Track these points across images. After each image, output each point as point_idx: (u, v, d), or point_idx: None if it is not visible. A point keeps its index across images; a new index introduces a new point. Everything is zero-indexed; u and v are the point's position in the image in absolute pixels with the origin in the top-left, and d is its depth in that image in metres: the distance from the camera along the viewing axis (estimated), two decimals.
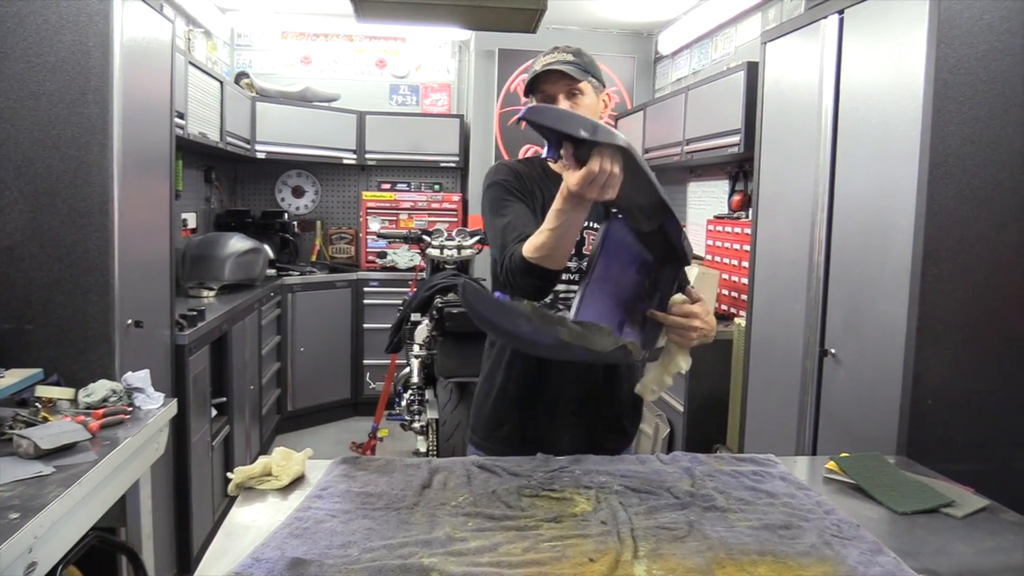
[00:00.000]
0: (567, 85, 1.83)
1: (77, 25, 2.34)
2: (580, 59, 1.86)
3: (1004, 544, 1.41)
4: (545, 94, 1.84)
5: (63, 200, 2.36)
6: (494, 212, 1.85)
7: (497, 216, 1.84)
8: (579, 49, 1.89)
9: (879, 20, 2.33)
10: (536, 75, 1.84)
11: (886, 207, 2.27)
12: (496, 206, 1.86)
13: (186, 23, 4.97)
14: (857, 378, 2.41)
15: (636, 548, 1.30)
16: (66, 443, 1.86)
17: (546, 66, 1.82)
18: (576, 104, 1.84)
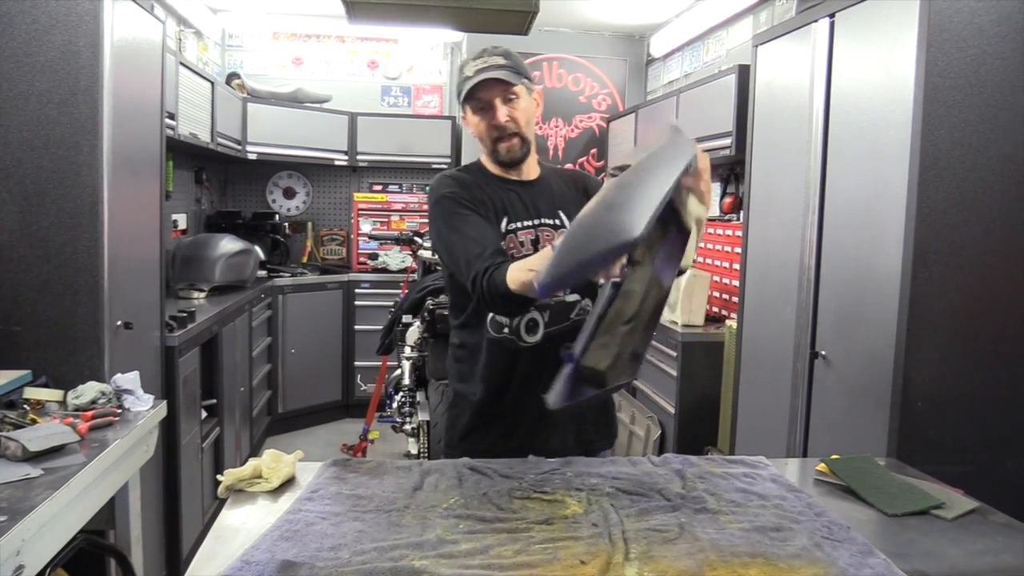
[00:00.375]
0: (503, 90, 1.83)
1: (67, 25, 2.33)
2: (511, 61, 1.85)
3: (994, 546, 1.41)
4: (481, 101, 1.84)
5: (52, 201, 2.35)
6: (450, 227, 1.83)
7: (454, 232, 1.82)
8: (507, 50, 1.87)
9: (870, 24, 2.35)
10: (471, 80, 1.82)
11: (877, 210, 2.28)
12: (451, 221, 1.84)
13: (177, 23, 4.95)
14: (847, 380, 2.42)
15: (627, 550, 1.30)
16: (55, 445, 1.85)
17: (479, 72, 1.81)
18: (513, 108, 1.84)
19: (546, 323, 1.87)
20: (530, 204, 1.91)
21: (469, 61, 1.85)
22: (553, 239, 1.87)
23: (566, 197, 1.96)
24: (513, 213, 1.89)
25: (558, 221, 1.92)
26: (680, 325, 3.73)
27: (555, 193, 1.95)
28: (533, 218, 1.90)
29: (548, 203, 1.93)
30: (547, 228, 1.90)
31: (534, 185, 1.94)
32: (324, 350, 5.71)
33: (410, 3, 3.53)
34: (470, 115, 1.88)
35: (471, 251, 1.75)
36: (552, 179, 1.99)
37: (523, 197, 1.91)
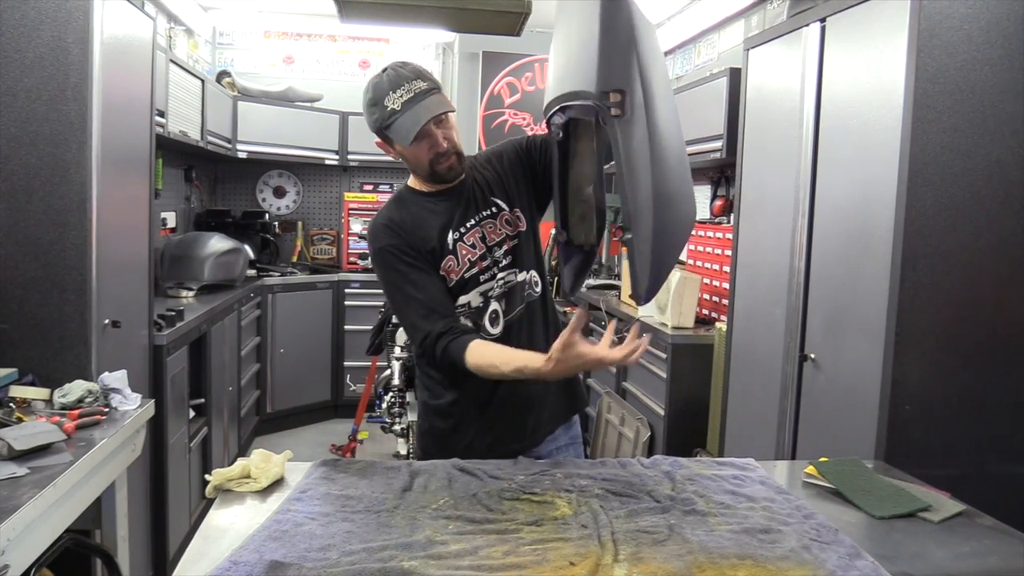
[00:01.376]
0: (438, 117, 1.80)
1: (56, 21, 2.32)
2: (431, 82, 1.82)
3: (980, 548, 1.42)
4: (419, 132, 1.77)
5: (40, 198, 2.33)
6: (393, 286, 1.87)
7: (397, 291, 1.86)
8: (419, 68, 1.83)
9: (860, 29, 2.36)
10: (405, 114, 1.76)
11: (866, 213, 2.29)
12: (392, 278, 1.87)
13: (168, 21, 4.93)
14: (836, 383, 2.43)
15: (616, 552, 1.30)
16: (41, 444, 1.84)
17: (409, 104, 1.76)
18: (447, 127, 1.83)
19: (504, 311, 1.92)
20: (466, 205, 1.92)
21: (386, 92, 1.78)
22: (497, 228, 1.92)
23: (493, 181, 1.97)
24: (455, 221, 1.90)
25: (494, 208, 1.94)
26: (670, 327, 3.74)
27: (481, 183, 1.96)
28: (472, 216, 1.92)
29: (481, 196, 1.94)
30: (488, 220, 1.92)
31: (464, 186, 1.94)
32: (313, 350, 5.69)
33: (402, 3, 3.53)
34: (400, 148, 1.84)
35: (416, 312, 1.83)
36: (475, 171, 1.98)
37: (458, 202, 1.92)
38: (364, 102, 1.84)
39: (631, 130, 1.51)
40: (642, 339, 1.55)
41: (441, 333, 1.78)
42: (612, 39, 1.54)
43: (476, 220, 1.91)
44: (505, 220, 1.94)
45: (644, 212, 1.51)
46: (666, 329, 3.72)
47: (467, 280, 1.89)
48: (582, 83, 1.57)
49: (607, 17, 1.54)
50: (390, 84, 1.79)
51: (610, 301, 4.44)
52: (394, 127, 1.79)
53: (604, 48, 1.53)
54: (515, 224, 1.95)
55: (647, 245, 1.52)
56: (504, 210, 1.94)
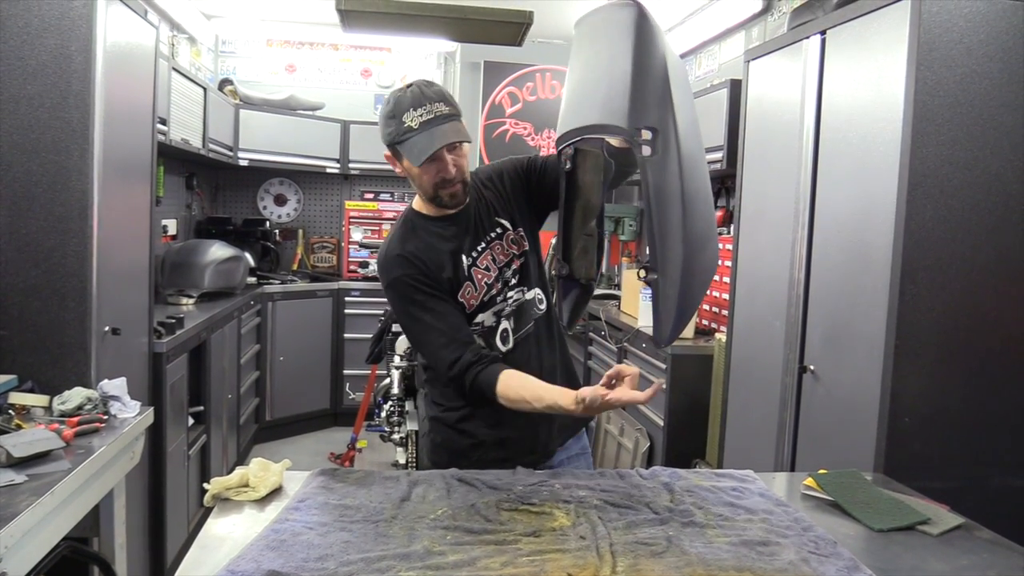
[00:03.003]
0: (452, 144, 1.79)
1: (60, 29, 2.33)
2: (453, 107, 1.80)
3: (979, 562, 1.42)
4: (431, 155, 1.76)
5: (41, 205, 2.34)
6: (411, 317, 1.85)
7: (416, 322, 1.85)
8: (442, 91, 1.81)
9: (860, 41, 2.37)
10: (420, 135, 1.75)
11: (865, 225, 2.29)
12: (410, 310, 1.85)
13: (170, 29, 4.95)
14: (835, 395, 2.43)
15: (615, 563, 1.30)
16: (39, 451, 1.83)
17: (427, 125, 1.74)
18: (458, 155, 1.81)
19: (514, 329, 1.93)
20: (475, 228, 1.92)
21: (406, 108, 1.76)
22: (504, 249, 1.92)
23: (495, 201, 1.97)
24: (466, 246, 1.89)
25: (499, 229, 1.94)
26: None
27: (487, 204, 1.96)
28: (481, 240, 1.91)
29: (486, 217, 1.94)
30: (496, 242, 1.92)
31: (469, 209, 1.93)
32: (313, 358, 5.68)
33: (404, 13, 3.55)
34: (408, 165, 1.82)
35: (438, 341, 1.83)
36: (478, 191, 1.97)
37: (467, 226, 1.91)
38: (382, 113, 1.83)
39: (663, 170, 1.48)
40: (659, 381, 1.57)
41: (471, 363, 1.78)
42: (646, 75, 1.51)
43: (485, 243, 1.91)
44: (511, 240, 1.94)
45: (674, 256, 1.49)
46: None
47: (484, 303, 1.90)
48: (611, 117, 1.54)
49: (641, 53, 1.52)
50: (412, 101, 1.77)
51: (610, 311, 4.44)
52: (407, 144, 1.77)
53: (637, 84, 1.51)
54: (520, 244, 1.95)
55: (675, 289, 1.50)
56: (509, 230, 1.95)
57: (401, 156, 1.82)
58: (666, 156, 1.48)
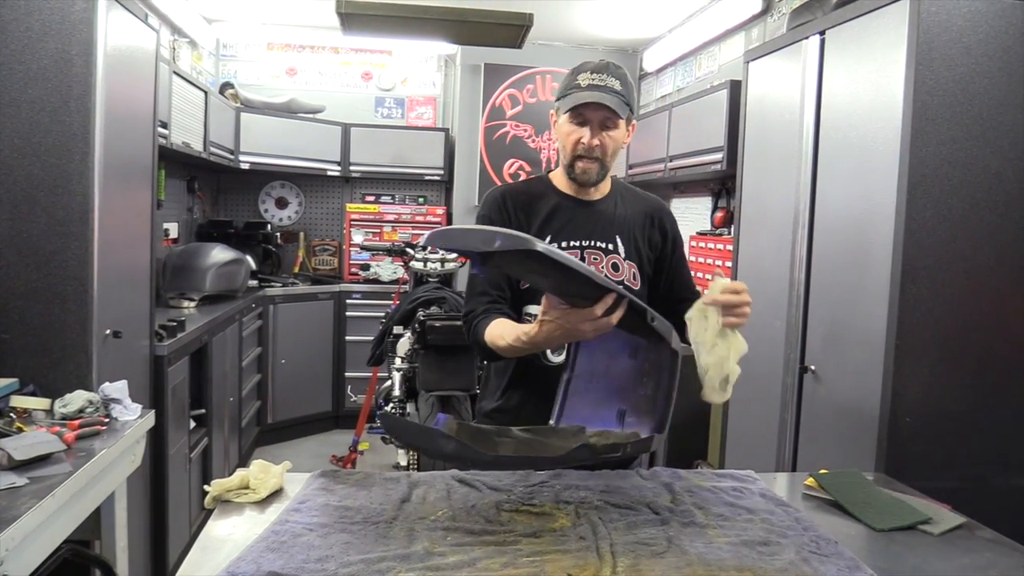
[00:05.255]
0: (606, 115, 1.79)
1: (60, 33, 2.33)
2: (625, 89, 1.81)
3: (980, 562, 1.41)
4: (581, 116, 1.81)
5: (43, 208, 2.34)
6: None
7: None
8: (626, 74, 1.83)
9: (859, 41, 2.37)
10: (580, 93, 1.78)
11: (866, 225, 2.29)
12: None
13: (171, 33, 4.96)
14: (836, 395, 2.43)
15: (615, 564, 1.29)
16: (40, 454, 1.84)
17: (592, 88, 1.77)
18: (607, 135, 1.81)
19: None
20: (583, 224, 1.88)
21: (586, 70, 1.80)
22: (601, 262, 1.87)
23: (629, 222, 1.93)
24: (561, 230, 1.87)
25: (611, 245, 1.89)
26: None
27: (617, 215, 1.92)
28: (582, 239, 1.87)
29: (606, 225, 1.90)
30: (596, 251, 1.87)
31: (595, 205, 1.91)
32: (314, 361, 5.69)
33: (405, 16, 3.55)
34: (564, 122, 1.84)
35: (472, 288, 1.85)
36: (620, 200, 1.95)
37: (578, 216, 1.89)
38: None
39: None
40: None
41: (479, 313, 1.80)
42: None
43: (583, 244, 1.87)
44: (613, 263, 1.88)
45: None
46: None
47: (535, 291, 1.84)
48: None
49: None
50: (595, 67, 1.80)
51: None
52: (567, 98, 1.80)
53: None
54: (621, 271, 1.89)
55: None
56: (618, 253, 1.89)
57: (559, 113, 1.85)
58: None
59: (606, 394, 1.67)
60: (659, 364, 1.62)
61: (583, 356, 1.69)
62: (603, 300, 1.46)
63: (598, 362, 1.68)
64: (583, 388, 1.69)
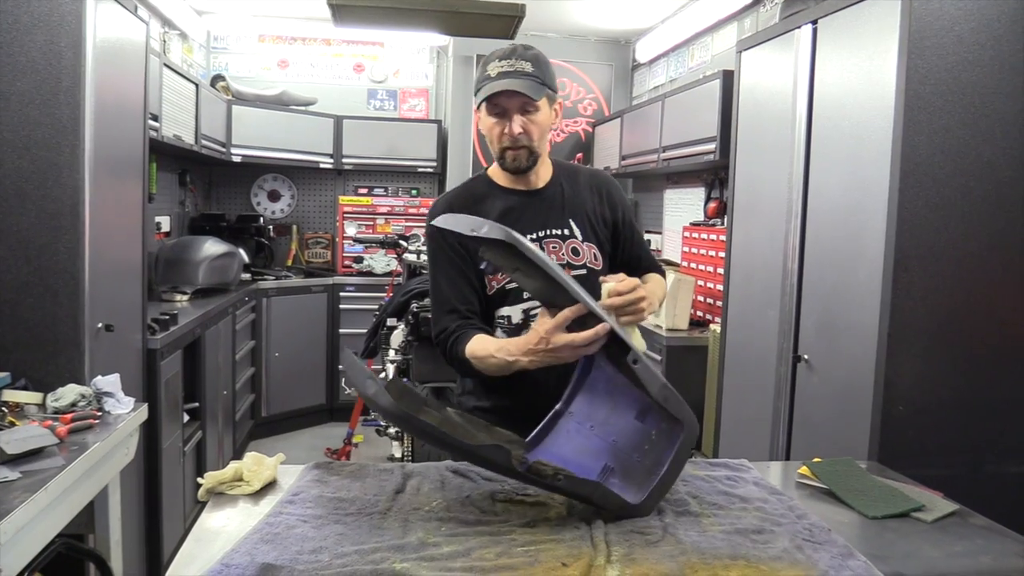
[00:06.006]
0: (524, 101, 1.76)
1: (49, 25, 2.31)
2: (538, 69, 1.78)
3: (972, 548, 1.42)
4: (499, 107, 1.77)
5: (33, 202, 2.33)
6: (431, 266, 1.88)
7: (432, 279, 1.87)
8: (537, 54, 1.80)
9: (852, 30, 2.36)
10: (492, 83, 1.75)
11: (858, 214, 2.30)
12: (432, 265, 1.87)
13: (161, 25, 4.93)
14: (830, 384, 2.43)
15: (609, 553, 1.30)
16: (33, 448, 1.83)
17: (503, 75, 1.74)
18: (530, 120, 1.78)
19: None
20: (535, 215, 1.86)
21: (495, 58, 1.77)
22: (560, 250, 1.85)
23: (579, 203, 1.90)
24: (515, 227, 1.77)
25: (567, 230, 1.87)
26: (664, 329, 3.74)
27: (566, 199, 1.89)
28: (537, 229, 1.85)
29: (557, 211, 1.88)
30: (554, 240, 1.85)
31: (542, 193, 1.89)
32: (308, 353, 5.68)
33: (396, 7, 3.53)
34: (484, 116, 1.81)
35: (440, 305, 1.83)
36: (565, 183, 1.92)
37: (529, 208, 1.86)
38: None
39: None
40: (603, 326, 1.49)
41: (453, 330, 1.76)
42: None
43: (541, 235, 1.84)
44: (572, 248, 1.86)
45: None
46: (660, 331, 3.72)
47: (507, 291, 1.83)
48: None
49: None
50: (503, 53, 1.78)
51: None
52: (480, 92, 1.77)
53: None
54: (582, 254, 1.86)
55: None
56: (575, 237, 1.87)
57: (480, 107, 1.81)
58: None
59: (598, 445, 1.52)
60: (669, 440, 1.47)
61: (583, 397, 1.57)
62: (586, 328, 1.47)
63: (598, 408, 1.55)
64: (573, 430, 1.55)
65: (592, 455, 1.49)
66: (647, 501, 1.45)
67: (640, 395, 1.49)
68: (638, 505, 1.44)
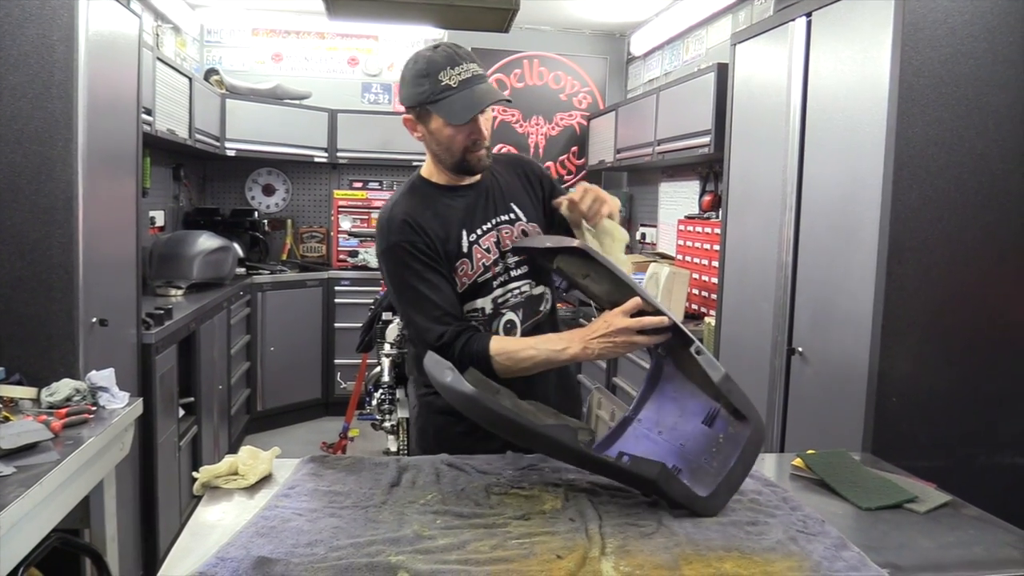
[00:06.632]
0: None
1: (41, 19, 2.30)
2: (483, 69, 1.77)
3: (965, 538, 1.43)
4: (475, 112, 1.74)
5: (26, 196, 2.32)
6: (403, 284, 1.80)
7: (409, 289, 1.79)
8: (469, 51, 1.77)
9: (846, 23, 2.36)
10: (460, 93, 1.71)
11: (852, 206, 2.30)
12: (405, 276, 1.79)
13: (154, 18, 4.91)
14: (824, 376, 2.44)
15: (604, 545, 1.30)
16: (28, 443, 1.83)
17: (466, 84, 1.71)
18: (487, 118, 1.78)
19: (521, 320, 1.89)
20: (483, 206, 1.88)
21: (443, 67, 1.71)
22: (514, 234, 1.88)
23: (513, 187, 1.94)
24: (470, 222, 1.85)
25: (512, 215, 1.90)
26: None
27: (502, 185, 1.92)
28: (490, 219, 1.87)
29: (499, 198, 1.91)
30: (505, 225, 1.88)
31: (481, 184, 1.90)
32: (304, 348, 5.68)
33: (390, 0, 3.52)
34: (441, 125, 1.76)
35: (430, 313, 1.77)
36: (495, 172, 1.94)
37: (476, 201, 1.88)
38: (410, 73, 1.76)
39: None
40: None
41: (461, 331, 1.75)
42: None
43: (493, 223, 1.87)
44: (522, 230, 1.89)
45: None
46: None
47: (479, 285, 1.84)
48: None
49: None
50: (447, 60, 1.72)
51: None
52: (444, 103, 1.71)
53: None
54: (530, 236, 1.90)
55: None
56: (521, 220, 1.90)
57: (429, 117, 1.77)
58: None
59: (666, 449, 1.59)
60: (735, 443, 1.50)
61: (652, 404, 1.67)
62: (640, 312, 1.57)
63: (666, 415, 1.63)
64: (642, 435, 1.64)
65: (659, 458, 1.51)
66: (714, 498, 1.45)
67: (708, 401, 1.56)
68: (706, 499, 1.45)
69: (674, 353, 1.62)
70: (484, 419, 1.50)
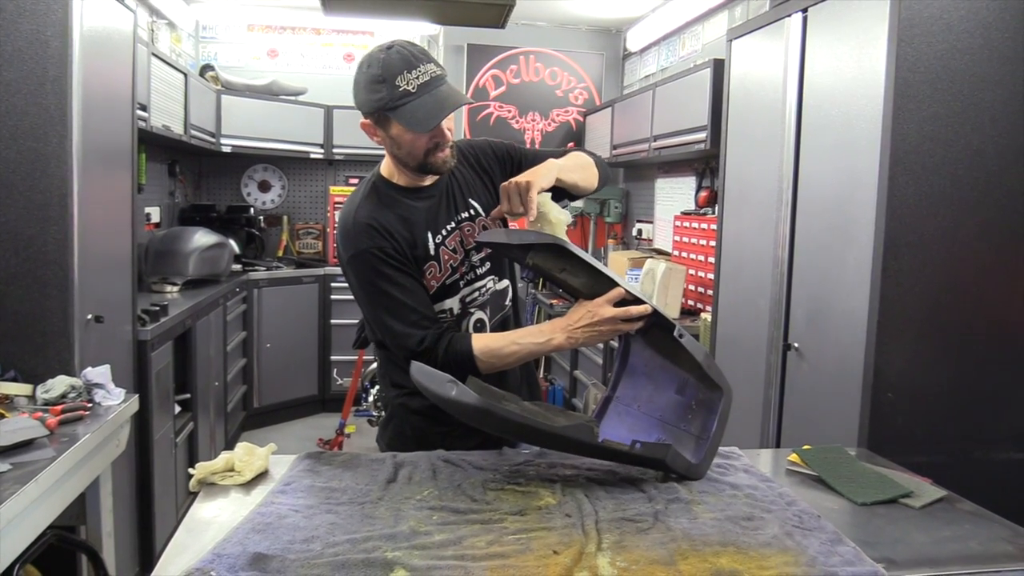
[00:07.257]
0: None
1: (35, 14, 2.29)
2: (442, 67, 1.70)
3: (960, 533, 1.43)
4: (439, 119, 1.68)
5: (20, 193, 2.31)
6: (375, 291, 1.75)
7: (382, 296, 1.74)
8: (424, 49, 1.70)
9: (841, 18, 2.36)
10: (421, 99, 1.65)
11: (848, 203, 2.30)
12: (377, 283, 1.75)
13: (149, 14, 4.89)
14: (819, 372, 2.45)
15: (600, 540, 1.30)
16: (23, 440, 1.83)
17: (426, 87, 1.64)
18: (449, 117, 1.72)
19: (489, 317, 1.90)
20: (445, 206, 1.84)
21: (401, 71, 1.63)
22: (475, 232, 1.85)
23: (469, 181, 1.90)
24: (434, 224, 1.81)
25: (472, 211, 1.87)
26: None
27: (460, 181, 1.88)
28: (452, 218, 1.84)
29: (457, 196, 1.87)
30: (466, 223, 1.85)
31: (441, 183, 1.85)
32: (300, 344, 5.67)
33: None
34: (402, 131, 1.69)
35: (407, 318, 1.73)
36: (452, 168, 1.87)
37: (439, 202, 1.84)
38: (365, 78, 1.68)
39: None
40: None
41: (440, 335, 1.72)
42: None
43: (455, 223, 1.84)
44: (483, 226, 1.86)
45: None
46: None
47: (447, 286, 1.83)
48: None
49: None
50: (403, 63, 1.63)
51: None
52: (405, 110, 1.64)
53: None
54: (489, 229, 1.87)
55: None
56: (481, 215, 1.87)
57: (389, 123, 1.70)
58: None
59: (647, 422, 1.71)
60: (709, 407, 1.64)
61: (626, 381, 1.76)
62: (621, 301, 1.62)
63: (641, 389, 1.74)
64: (623, 411, 1.75)
65: (645, 431, 1.68)
66: (703, 464, 1.62)
67: (676, 372, 1.68)
68: (697, 466, 1.60)
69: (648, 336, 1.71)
70: (498, 427, 1.54)
